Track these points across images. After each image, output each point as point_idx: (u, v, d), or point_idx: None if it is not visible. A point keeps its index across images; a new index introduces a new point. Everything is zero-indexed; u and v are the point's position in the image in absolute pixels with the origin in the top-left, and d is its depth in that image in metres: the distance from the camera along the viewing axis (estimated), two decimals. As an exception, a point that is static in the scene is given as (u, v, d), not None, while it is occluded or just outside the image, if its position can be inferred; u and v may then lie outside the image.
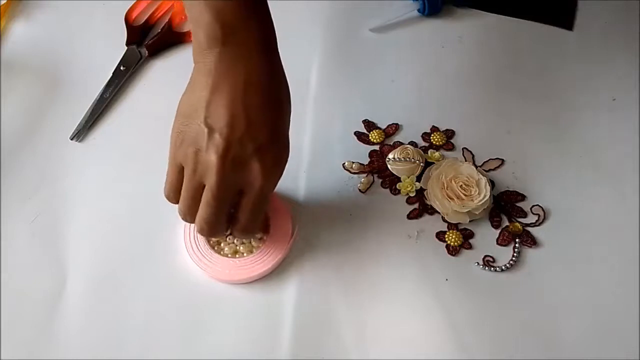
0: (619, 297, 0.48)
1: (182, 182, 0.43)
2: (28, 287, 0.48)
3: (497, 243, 0.50)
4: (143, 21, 0.63)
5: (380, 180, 0.53)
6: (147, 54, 0.60)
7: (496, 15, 0.64)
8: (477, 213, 0.50)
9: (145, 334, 0.46)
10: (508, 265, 0.49)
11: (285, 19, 0.46)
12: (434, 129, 0.56)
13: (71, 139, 0.56)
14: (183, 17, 0.64)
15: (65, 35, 0.62)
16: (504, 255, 0.50)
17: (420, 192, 0.52)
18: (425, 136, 0.56)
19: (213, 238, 0.49)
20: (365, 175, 0.54)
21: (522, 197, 0.52)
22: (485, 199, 0.49)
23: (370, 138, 0.56)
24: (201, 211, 0.42)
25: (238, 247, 0.50)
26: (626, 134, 0.56)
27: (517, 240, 0.50)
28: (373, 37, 0.62)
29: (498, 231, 0.51)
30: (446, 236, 0.50)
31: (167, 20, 0.63)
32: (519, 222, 0.51)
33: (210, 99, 0.40)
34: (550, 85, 0.59)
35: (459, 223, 0.51)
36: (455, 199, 0.50)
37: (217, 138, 0.39)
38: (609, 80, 0.59)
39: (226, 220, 0.44)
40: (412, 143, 0.55)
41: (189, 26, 0.62)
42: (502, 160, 0.54)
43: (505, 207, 0.52)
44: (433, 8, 0.63)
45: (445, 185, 0.50)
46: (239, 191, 0.42)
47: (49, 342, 0.46)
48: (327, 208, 0.52)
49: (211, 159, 0.40)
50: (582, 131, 0.56)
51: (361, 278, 0.48)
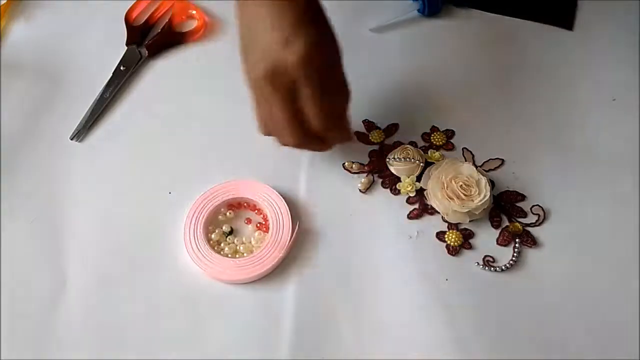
0: (619, 297, 0.48)
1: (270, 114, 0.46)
2: (28, 287, 0.48)
3: (497, 243, 0.50)
4: (143, 21, 0.63)
5: (380, 180, 0.53)
6: (147, 54, 0.61)
7: (496, 15, 0.64)
8: (477, 213, 0.50)
9: (145, 334, 0.46)
10: (508, 265, 0.49)
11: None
12: (434, 129, 0.56)
13: (71, 139, 0.56)
14: (183, 17, 0.64)
15: (65, 35, 0.62)
16: (504, 255, 0.50)
17: (420, 192, 0.52)
18: (425, 136, 0.56)
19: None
20: (365, 175, 0.54)
21: (522, 197, 0.52)
22: (485, 199, 0.49)
23: (370, 138, 0.56)
24: (279, 126, 0.46)
25: (238, 247, 0.50)
26: (626, 134, 0.56)
27: (517, 240, 0.50)
28: (373, 37, 0.62)
29: (498, 231, 0.51)
30: (446, 236, 0.50)
31: (167, 20, 0.63)
32: (519, 222, 0.51)
33: (241, 30, 0.45)
34: (550, 85, 0.59)
35: (459, 223, 0.51)
36: (455, 199, 0.50)
37: (255, 54, 0.43)
38: (609, 80, 0.59)
39: (304, 127, 0.45)
40: (412, 143, 0.55)
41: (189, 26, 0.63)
42: (502, 160, 0.54)
43: (505, 207, 0.52)
44: (433, 8, 0.63)
45: (445, 185, 0.50)
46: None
47: (49, 342, 0.46)
48: (327, 208, 0.52)
49: (258, 73, 0.43)
50: (582, 131, 0.56)
51: (361, 278, 0.48)
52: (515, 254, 0.49)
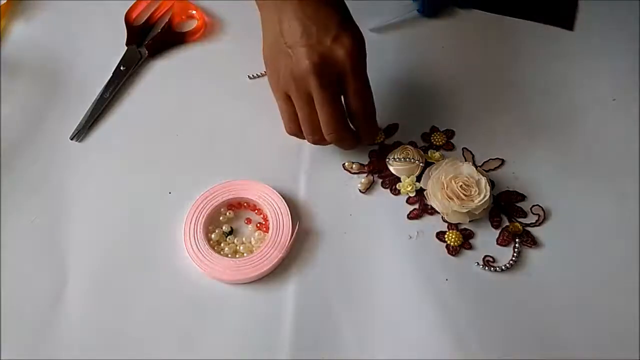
0: (619, 297, 0.48)
1: (295, 111, 0.48)
2: (28, 287, 0.48)
3: (497, 243, 0.50)
4: (143, 21, 0.63)
5: (380, 180, 0.53)
6: (147, 54, 0.61)
7: (496, 15, 0.64)
8: (477, 213, 0.50)
9: (145, 334, 0.46)
10: (508, 265, 0.49)
11: (285, 19, 0.46)
12: (434, 129, 0.56)
13: (71, 139, 0.56)
14: (183, 17, 0.64)
15: (65, 35, 0.62)
16: (504, 255, 0.50)
17: (420, 192, 0.52)
18: (425, 136, 0.56)
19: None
20: (365, 175, 0.54)
21: (522, 197, 0.52)
22: (485, 199, 0.49)
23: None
24: (322, 122, 0.47)
25: (238, 247, 0.50)
26: (626, 134, 0.56)
27: (517, 240, 0.50)
28: (373, 37, 0.62)
29: (498, 231, 0.51)
30: (446, 236, 0.50)
31: (167, 20, 0.63)
32: (519, 222, 0.51)
33: (280, 29, 0.46)
34: (550, 85, 0.59)
35: (459, 223, 0.51)
36: (455, 199, 0.50)
37: (299, 49, 0.45)
38: (609, 80, 0.59)
39: (347, 123, 0.48)
40: (412, 143, 0.55)
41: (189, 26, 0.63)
42: (502, 160, 0.54)
43: (505, 207, 0.52)
44: (433, 8, 0.63)
45: (445, 185, 0.50)
46: (341, 87, 0.47)
47: (49, 342, 0.46)
48: (327, 208, 0.52)
49: (303, 67, 0.45)
50: (582, 131, 0.56)
51: (361, 278, 0.48)
52: (515, 254, 0.49)
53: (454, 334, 0.46)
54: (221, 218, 0.51)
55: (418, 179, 0.53)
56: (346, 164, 0.54)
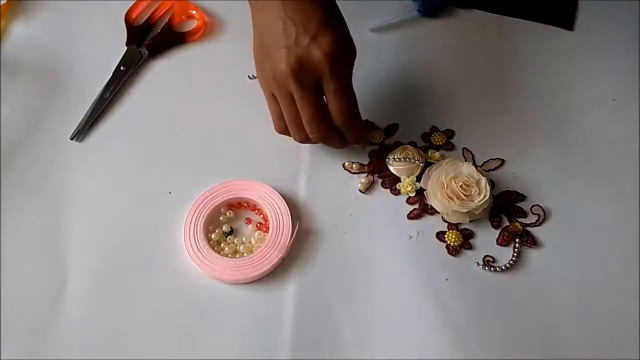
0: (619, 297, 0.48)
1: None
2: (28, 287, 0.48)
3: (497, 243, 0.50)
4: (143, 21, 0.63)
5: (380, 180, 0.53)
6: (147, 54, 0.61)
7: (496, 15, 0.64)
8: (477, 213, 0.50)
9: (145, 334, 0.46)
10: (508, 265, 0.49)
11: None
12: (434, 129, 0.56)
13: (71, 139, 0.56)
14: (183, 17, 0.64)
15: (65, 35, 0.62)
16: (504, 255, 0.50)
17: (420, 192, 0.52)
18: (425, 136, 0.56)
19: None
20: (365, 175, 0.54)
21: (522, 197, 0.52)
22: (485, 199, 0.49)
23: (370, 138, 0.55)
24: (305, 122, 0.47)
25: (238, 247, 0.50)
26: (626, 134, 0.56)
27: (517, 240, 0.50)
28: (373, 37, 0.62)
29: (498, 231, 0.51)
30: (446, 236, 0.50)
31: (167, 20, 0.63)
32: (519, 222, 0.51)
33: (265, 29, 0.46)
34: (550, 85, 0.59)
35: (459, 223, 0.51)
36: (455, 199, 0.50)
37: (279, 50, 0.45)
38: (609, 80, 0.59)
39: (329, 121, 0.48)
40: (412, 143, 0.55)
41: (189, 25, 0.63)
42: (502, 160, 0.54)
43: (505, 207, 0.52)
44: (433, 8, 0.63)
45: (445, 185, 0.50)
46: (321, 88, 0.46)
47: (49, 342, 0.46)
48: (327, 208, 0.52)
49: (281, 69, 0.45)
50: (582, 131, 0.56)
51: (361, 278, 0.48)
52: (515, 254, 0.49)
53: (454, 334, 0.46)
54: (221, 218, 0.51)
55: (418, 179, 0.53)
56: (346, 164, 0.54)
